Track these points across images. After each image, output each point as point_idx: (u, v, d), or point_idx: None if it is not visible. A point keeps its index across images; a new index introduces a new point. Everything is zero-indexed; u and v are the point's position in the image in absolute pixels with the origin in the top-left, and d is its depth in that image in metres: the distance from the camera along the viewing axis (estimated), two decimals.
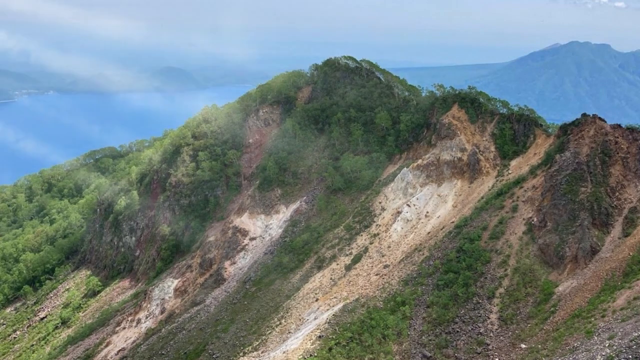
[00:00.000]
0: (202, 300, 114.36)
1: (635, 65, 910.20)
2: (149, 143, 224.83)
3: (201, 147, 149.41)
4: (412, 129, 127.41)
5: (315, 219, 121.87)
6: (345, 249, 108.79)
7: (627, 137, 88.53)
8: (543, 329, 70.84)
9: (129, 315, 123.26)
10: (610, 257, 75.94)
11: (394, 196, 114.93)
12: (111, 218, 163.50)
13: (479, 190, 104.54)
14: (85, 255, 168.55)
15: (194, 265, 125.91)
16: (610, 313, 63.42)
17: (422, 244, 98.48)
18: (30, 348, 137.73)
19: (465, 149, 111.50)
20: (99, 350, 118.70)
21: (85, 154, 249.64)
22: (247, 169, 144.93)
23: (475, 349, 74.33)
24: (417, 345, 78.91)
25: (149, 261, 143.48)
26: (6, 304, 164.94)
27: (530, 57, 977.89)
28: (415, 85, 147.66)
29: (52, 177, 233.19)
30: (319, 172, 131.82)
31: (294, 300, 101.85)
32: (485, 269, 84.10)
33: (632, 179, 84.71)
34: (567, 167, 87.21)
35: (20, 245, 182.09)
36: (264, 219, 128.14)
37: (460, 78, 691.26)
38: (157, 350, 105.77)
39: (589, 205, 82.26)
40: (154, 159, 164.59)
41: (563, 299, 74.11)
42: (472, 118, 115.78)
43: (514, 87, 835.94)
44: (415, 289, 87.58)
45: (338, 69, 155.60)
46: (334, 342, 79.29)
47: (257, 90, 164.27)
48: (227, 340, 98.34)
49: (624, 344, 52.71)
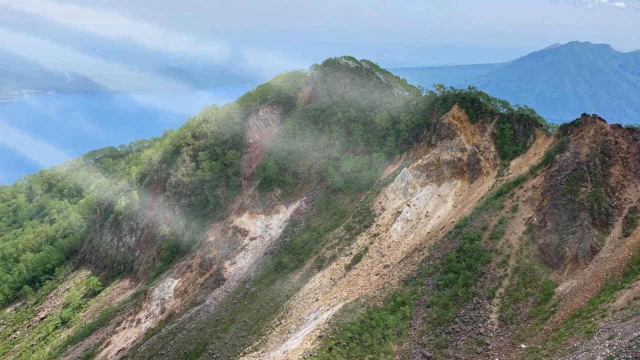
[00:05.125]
0: (202, 300, 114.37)
1: (635, 65, 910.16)
2: (149, 143, 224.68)
3: (201, 147, 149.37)
4: (412, 129, 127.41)
5: (315, 219, 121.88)
6: (345, 249, 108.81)
7: (627, 137, 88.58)
8: (543, 329, 70.85)
9: (129, 315, 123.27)
10: (610, 257, 75.96)
11: (394, 196, 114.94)
12: (111, 218, 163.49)
13: (479, 190, 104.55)
14: (85, 255, 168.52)
15: (194, 265, 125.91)
16: (610, 313, 63.44)
17: (422, 244, 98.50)
18: (30, 348, 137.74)
19: (465, 149, 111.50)
20: (99, 350, 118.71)
21: (85, 154, 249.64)
22: (247, 169, 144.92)
23: (475, 349, 74.35)
24: (417, 345, 78.93)
25: (149, 261, 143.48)
26: (6, 304, 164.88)
27: (530, 57, 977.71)
28: (415, 85, 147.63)
29: (52, 177, 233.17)
30: (319, 172, 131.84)
31: (294, 300, 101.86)
32: (485, 269, 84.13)
33: (632, 179, 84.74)
34: (567, 167, 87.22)
35: (20, 245, 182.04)
36: (264, 219, 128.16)
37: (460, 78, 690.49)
38: (157, 350, 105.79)
39: (589, 205, 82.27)
40: (154, 159, 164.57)
41: (563, 299, 74.13)
42: (472, 118, 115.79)
43: (514, 87, 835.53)
44: (415, 289, 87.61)
45: (338, 69, 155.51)
46: (334, 342, 79.30)
47: (257, 90, 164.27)
48: (227, 340, 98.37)
49: (624, 344, 52.73)
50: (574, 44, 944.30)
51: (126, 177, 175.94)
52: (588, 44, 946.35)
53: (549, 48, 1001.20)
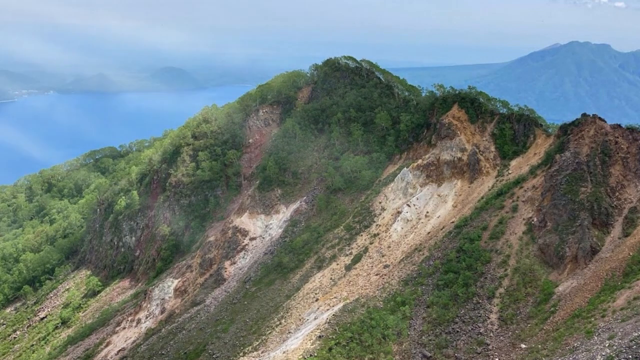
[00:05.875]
0: (202, 300, 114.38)
1: (635, 65, 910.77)
2: (149, 143, 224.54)
3: (201, 147, 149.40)
4: (412, 129, 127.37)
5: (315, 219, 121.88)
6: (345, 249, 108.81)
7: (627, 137, 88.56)
8: (543, 329, 70.83)
9: (129, 315, 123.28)
10: (610, 257, 75.94)
11: (394, 196, 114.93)
12: (111, 218, 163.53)
13: (479, 190, 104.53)
14: (85, 255, 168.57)
15: (194, 265, 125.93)
16: (610, 313, 63.43)
17: (422, 244, 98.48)
18: (30, 348, 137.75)
19: (465, 149, 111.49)
20: (99, 350, 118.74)
21: (85, 154, 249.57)
22: (247, 169, 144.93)
23: (475, 349, 74.33)
24: (417, 345, 78.92)
25: (149, 261, 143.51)
26: (6, 304, 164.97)
27: (530, 57, 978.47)
28: (415, 85, 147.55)
29: (52, 177, 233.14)
30: (319, 172, 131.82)
31: (294, 300, 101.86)
32: (485, 269, 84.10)
33: (632, 179, 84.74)
34: (567, 167, 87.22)
35: (20, 245, 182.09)
36: (264, 219, 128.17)
37: (460, 78, 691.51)
38: (157, 350, 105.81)
39: (589, 205, 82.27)
40: (154, 159, 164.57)
41: (563, 299, 74.11)
42: (472, 118, 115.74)
43: (514, 87, 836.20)
44: (415, 289, 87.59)
45: (338, 69, 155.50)
46: (334, 342, 79.27)
47: (257, 90, 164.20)
48: (227, 340, 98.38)
49: (624, 344, 52.72)
50: (574, 44, 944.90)
51: (126, 177, 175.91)
52: (588, 44, 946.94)
53: (549, 48, 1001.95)
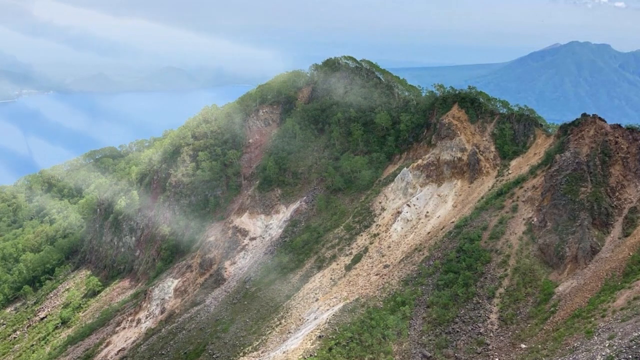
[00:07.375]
0: (202, 300, 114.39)
1: (635, 65, 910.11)
2: (149, 143, 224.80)
3: (201, 147, 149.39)
4: (412, 129, 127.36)
5: (315, 219, 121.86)
6: (345, 249, 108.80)
7: (627, 137, 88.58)
8: (543, 329, 70.86)
9: (129, 315, 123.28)
10: (610, 257, 75.97)
11: (394, 196, 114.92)
12: (111, 218, 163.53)
13: (479, 190, 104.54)
14: (85, 255, 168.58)
15: (194, 265, 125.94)
16: (610, 313, 63.45)
17: (422, 244, 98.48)
18: (30, 348, 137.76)
19: (465, 149, 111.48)
20: (99, 350, 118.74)
21: (85, 154, 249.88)
22: (247, 169, 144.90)
23: (475, 349, 74.35)
24: (417, 345, 78.93)
25: (149, 261, 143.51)
26: (6, 304, 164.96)
27: (530, 57, 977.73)
28: (415, 85, 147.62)
29: (52, 177, 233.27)
30: (319, 172, 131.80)
31: (294, 300, 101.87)
32: (485, 269, 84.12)
33: (632, 179, 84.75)
34: (567, 167, 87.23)
35: (20, 245, 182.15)
36: (264, 219, 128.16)
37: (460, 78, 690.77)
38: (157, 350, 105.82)
39: (589, 205, 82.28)
40: (154, 159, 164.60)
41: (563, 299, 74.14)
42: (472, 118, 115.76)
43: (514, 87, 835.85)
44: (415, 289, 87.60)
45: (338, 69, 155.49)
46: (334, 342, 79.31)
47: (257, 90, 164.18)
48: (227, 340, 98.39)
49: (624, 344, 52.74)
50: (574, 44, 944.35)
51: (126, 177, 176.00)
52: (588, 44, 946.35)
53: (549, 48, 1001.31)
